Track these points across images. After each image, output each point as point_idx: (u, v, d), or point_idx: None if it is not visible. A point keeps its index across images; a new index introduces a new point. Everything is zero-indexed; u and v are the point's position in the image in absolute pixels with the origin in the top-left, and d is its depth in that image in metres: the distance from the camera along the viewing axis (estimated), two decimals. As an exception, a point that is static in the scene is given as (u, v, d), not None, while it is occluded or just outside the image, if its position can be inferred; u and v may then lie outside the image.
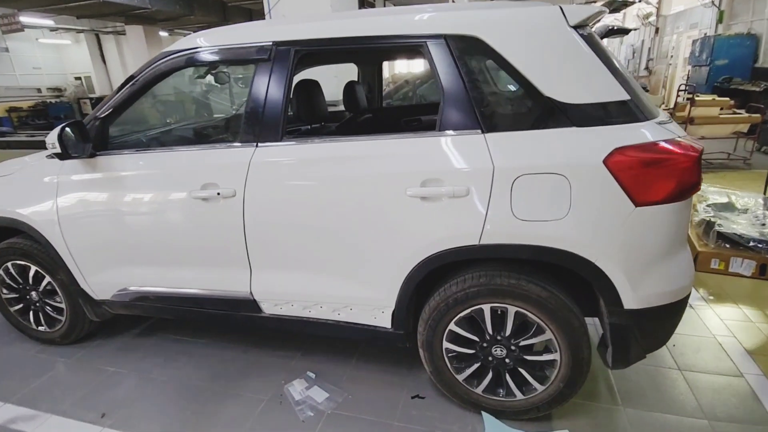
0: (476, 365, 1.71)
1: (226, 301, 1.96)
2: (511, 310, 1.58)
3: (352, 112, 2.69)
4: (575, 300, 1.60)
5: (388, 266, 1.65)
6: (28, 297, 2.36)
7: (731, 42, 8.07)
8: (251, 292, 1.89)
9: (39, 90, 16.20)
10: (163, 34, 14.59)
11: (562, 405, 1.68)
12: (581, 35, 1.45)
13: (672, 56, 12.48)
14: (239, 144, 1.76)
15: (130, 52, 12.91)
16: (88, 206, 1.99)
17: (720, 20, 9.46)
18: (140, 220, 1.94)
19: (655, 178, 1.35)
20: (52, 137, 1.81)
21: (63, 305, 2.30)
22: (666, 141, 1.36)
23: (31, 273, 2.26)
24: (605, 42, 1.63)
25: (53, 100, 15.89)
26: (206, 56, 1.80)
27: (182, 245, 1.92)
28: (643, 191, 1.35)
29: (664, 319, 1.50)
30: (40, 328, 2.40)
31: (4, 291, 2.37)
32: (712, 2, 9.57)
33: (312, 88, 2.08)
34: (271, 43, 1.71)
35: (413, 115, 3.07)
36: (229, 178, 1.75)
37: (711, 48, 8.23)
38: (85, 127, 1.91)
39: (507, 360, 1.67)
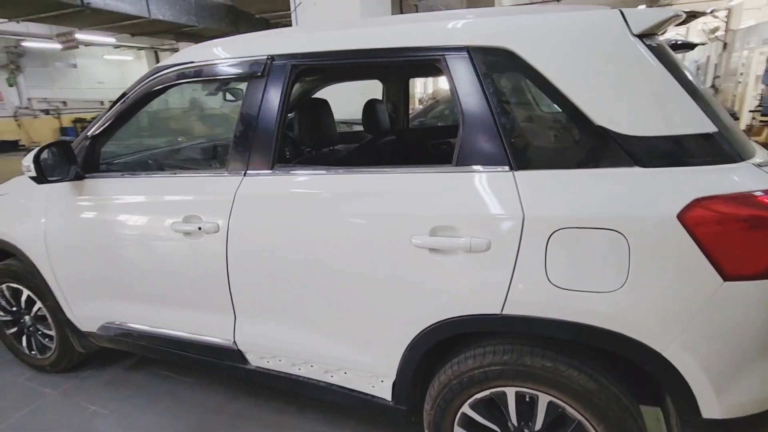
0: (498, 462, 1.34)
1: (210, 348, 1.71)
2: (544, 399, 1.21)
3: (373, 133, 2.42)
4: (629, 383, 1.21)
5: (387, 328, 1.34)
6: (21, 321, 2.24)
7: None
8: (235, 342, 1.63)
9: (102, 102, 17.29)
10: (215, 50, 15.15)
11: None
12: (648, 46, 1.09)
13: (742, 74, 11.39)
14: (226, 172, 1.53)
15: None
16: (73, 232, 1.83)
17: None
18: (123, 251, 1.74)
19: (755, 243, 0.96)
20: (27, 159, 1.66)
21: (53, 333, 2.15)
22: None
23: (23, 297, 2.14)
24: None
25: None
26: (197, 71, 1.60)
27: (164, 283, 1.70)
28: (737, 260, 0.97)
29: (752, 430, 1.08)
30: (32, 353, 2.27)
31: (0, 313, 2.27)
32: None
33: (319, 108, 1.83)
34: (266, 57, 1.48)
35: (442, 136, 2.76)
36: (213, 210, 1.52)
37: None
38: (70, 148, 1.75)
39: (538, 461, 1.29)
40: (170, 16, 8.08)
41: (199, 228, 1.51)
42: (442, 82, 12.11)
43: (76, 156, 1.76)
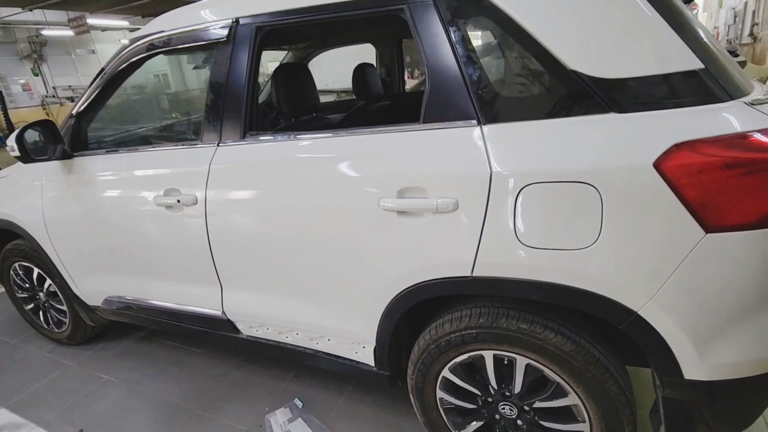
0: (479, 423, 1.33)
1: (203, 319, 1.74)
2: (521, 361, 1.18)
3: (365, 99, 2.34)
4: (614, 345, 1.16)
5: (361, 295, 1.32)
6: (37, 297, 2.35)
7: None
8: (224, 312, 1.66)
9: (124, 88, 17.62)
10: (227, 27, 15.04)
11: (593, 488, 1.25)
12: (627, -23, 0.98)
13: (786, 18, 10.40)
14: (202, 143, 1.51)
15: None
16: (67, 209, 1.87)
17: None
18: (113, 226, 1.77)
19: (743, 190, 0.87)
20: (11, 139, 1.69)
21: (65, 308, 2.25)
22: (762, 131, 0.87)
23: (35, 275, 2.23)
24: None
25: (136, 96, 17.23)
26: (166, 41, 1.56)
27: (154, 256, 1.73)
28: (720, 210, 0.88)
29: (747, 396, 1.01)
30: (49, 327, 2.39)
31: (17, 290, 2.39)
32: None
33: (295, 73, 1.77)
34: (231, 20, 1.42)
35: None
36: (190, 182, 1.51)
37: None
38: (55, 127, 1.77)
39: (519, 422, 1.27)
40: (177, -6, 8.03)
41: (178, 201, 1.51)
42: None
43: (61, 135, 1.78)
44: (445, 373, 1.31)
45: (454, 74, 1.10)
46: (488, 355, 1.22)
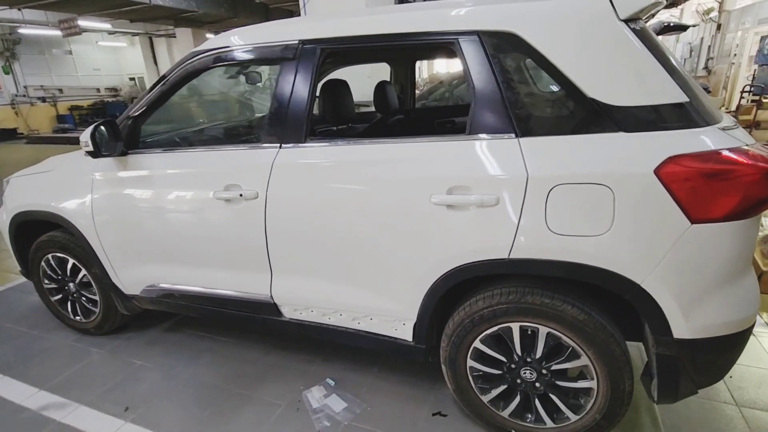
0: (503, 387, 1.58)
1: (247, 303, 1.93)
2: (543, 331, 1.45)
3: (383, 113, 2.61)
4: (617, 322, 1.44)
5: (409, 277, 1.56)
6: (66, 288, 2.45)
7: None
8: (271, 296, 1.86)
9: (98, 90, 17.26)
10: (210, 35, 15.17)
11: (597, 438, 1.52)
12: (633, 29, 1.29)
13: (735, 55, 11.53)
14: (263, 145, 1.73)
15: (179, 54, 13.53)
16: (118, 203, 2.03)
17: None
18: (166, 218, 1.95)
19: (716, 192, 1.18)
20: (85, 136, 1.85)
21: (97, 297, 2.37)
22: (730, 149, 1.19)
23: (69, 266, 2.35)
24: (660, 39, 1.46)
25: (110, 99, 16.97)
26: (233, 55, 1.78)
27: (205, 246, 1.91)
28: (701, 207, 1.19)
29: (721, 351, 1.32)
30: (76, 318, 2.49)
31: (46, 281, 2.48)
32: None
33: (339, 87, 2.02)
34: (297, 42, 1.66)
35: (447, 116, 2.96)
36: (252, 179, 1.72)
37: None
38: (117, 126, 1.94)
39: (537, 384, 1.53)
40: (170, 2, 8.14)
41: (240, 195, 1.72)
42: (438, 66, 12.18)
43: (121, 134, 1.95)
44: (476, 344, 1.56)
45: (496, 96, 1.39)
46: (515, 327, 1.48)
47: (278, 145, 1.70)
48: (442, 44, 1.48)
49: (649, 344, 1.40)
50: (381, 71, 3.36)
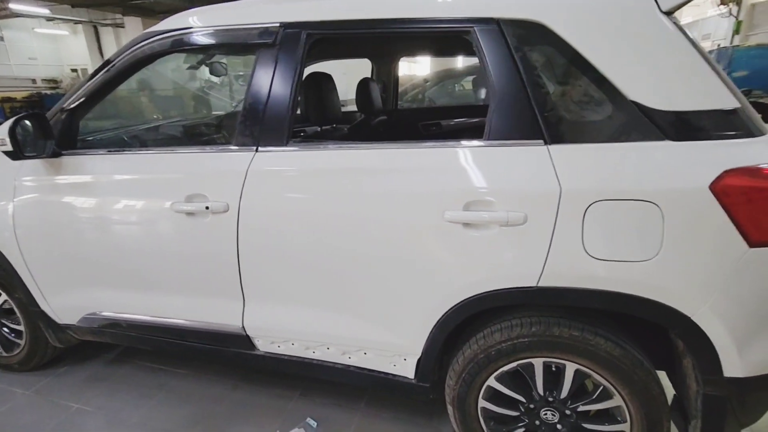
0: (520, 431, 1.38)
1: (213, 335, 1.62)
2: (570, 367, 1.25)
3: (366, 113, 2.36)
4: (645, 351, 1.28)
5: (416, 306, 1.32)
6: (-20, 316, 2.02)
7: (752, 53, 7.81)
8: (243, 327, 1.56)
9: (34, 81, 15.83)
10: (164, 26, 14.26)
11: (625, 484, 1.35)
12: (675, 24, 1.13)
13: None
14: (235, 148, 1.43)
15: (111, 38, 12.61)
16: (50, 215, 1.66)
17: (737, 31, 9.20)
18: (112, 234, 1.60)
19: None
20: (2, 132, 1.48)
21: (21, 327, 1.96)
22: None
23: (-17, 289, 1.92)
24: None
25: (48, 92, 15.58)
26: (197, 39, 1.47)
27: (160, 267, 1.58)
28: (762, 227, 1.03)
29: (767, 389, 1.17)
30: (-5, 352, 2.06)
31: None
32: (730, 12, 9.32)
33: (324, 82, 1.75)
34: (278, 25, 1.38)
35: (432, 118, 2.75)
36: (221, 188, 1.42)
37: (729, 59, 7.96)
38: (47, 121, 1.57)
39: (560, 427, 1.34)
40: (117, -13, 7.46)
41: (207, 207, 1.42)
42: (403, 68, 12.04)
43: (53, 130, 1.58)
44: (491, 381, 1.34)
45: (521, 96, 1.18)
46: (537, 363, 1.28)
47: (254, 148, 1.41)
48: (454, 33, 1.26)
49: (689, 383, 1.24)
50: (356, 69, 3.11)
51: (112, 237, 1.60)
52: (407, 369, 1.44)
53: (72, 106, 1.62)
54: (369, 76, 2.74)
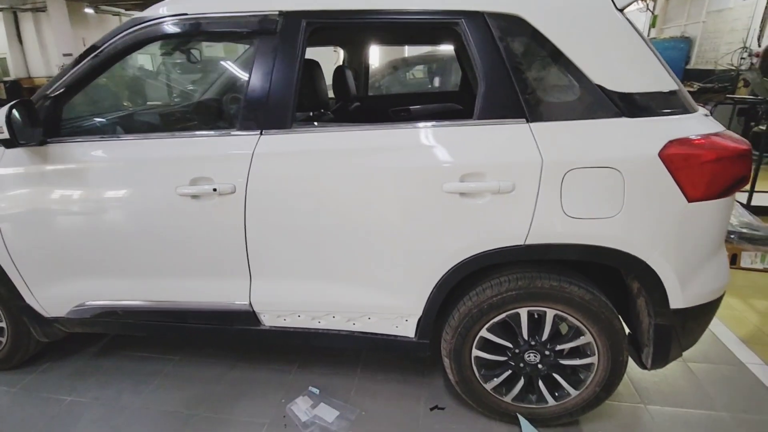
0: (507, 373, 1.59)
1: (219, 314, 1.68)
2: (550, 313, 1.48)
3: (342, 99, 2.46)
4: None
5: (418, 271, 1.48)
6: (-48, 316, 1.92)
7: (666, 45, 8.68)
8: (250, 303, 1.64)
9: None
10: (89, 11, 13.15)
11: (594, 409, 1.61)
12: (627, 20, 1.35)
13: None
14: (239, 132, 1.50)
15: (52, 32, 11.52)
16: (36, 205, 1.62)
17: (653, 24, 10.16)
18: (110, 223, 1.60)
19: (709, 173, 1.29)
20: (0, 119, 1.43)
21: (3, 324, 1.89)
22: (717, 134, 1.31)
23: (-44, 287, 1.83)
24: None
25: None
26: (192, 27, 1.50)
27: (164, 251, 1.61)
28: (697, 186, 1.29)
29: (704, 316, 1.46)
30: (-31, 353, 1.96)
31: None
32: (647, 7, 10.25)
33: (314, 69, 1.84)
34: (277, 13, 1.46)
35: (400, 104, 2.90)
36: (227, 171, 1.48)
37: (649, 50, 8.77)
38: (35, 109, 1.54)
39: (540, 366, 1.56)
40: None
41: (214, 189, 1.47)
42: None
43: (40, 118, 1.55)
44: (483, 332, 1.54)
45: (506, 80, 1.36)
46: (523, 312, 1.49)
47: (258, 131, 1.48)
48: (443, 24, 1.41)
49: (641, 318, 1.50)
50: (319, 56, 3.17)
51: (109, 225, 1.60)
52: (408, 329, 1.60)
53: (56, 93, 1.59)
54: (340, 63, 2.83)
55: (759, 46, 6.93)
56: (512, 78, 1.35)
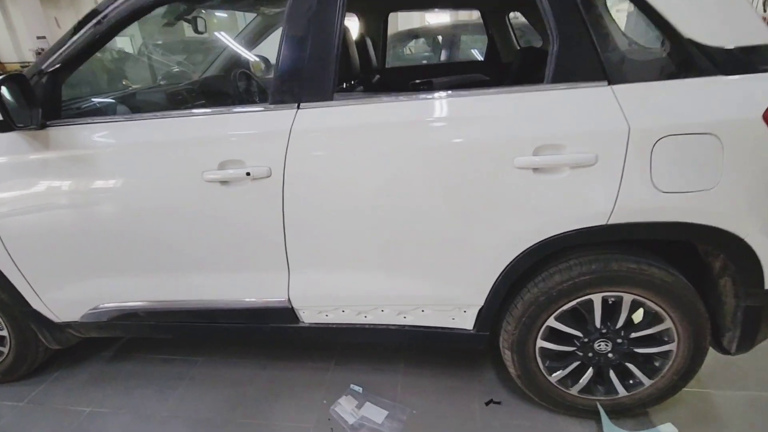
0: (575, 364, 1.46)
1: (251, 312, 1.52)
2: (627, 299, 1.34)
3: (364, 72, 2.26)
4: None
5: (482, 257, 1.33)
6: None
7: None
8: (289, 299, 1.48)
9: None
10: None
11: (667, 399, 1.50)
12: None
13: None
14: (272, 106, 1.31)
15: (20, 13, 10.88)
16: (39, 200, 1.43)
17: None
18: (128, 215, 1.41)
19: None
20: (-14, 97, 1.22)
21: (5, 333, 1.70)
22: None
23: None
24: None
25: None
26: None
27: (190, 245, 1.44)
28: (804, 153, 1.14)
29: None
30: (-30, 364, 1.78)
31: None
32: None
33: (344, 34, 1.64)
34: (314, -35, 1.25)
35: (421, 76, 2.70)
36: (261, 152, 1.30)
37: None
38: (30, 86, 1.32)
39: (611, 355, 1.44)
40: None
41: (248, 174, 1.29)
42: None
43: (37, 97, 1.34)
44: (550, 321, 1.40)
45: (584, 37, 1.18)
46: (597, 298, 1.35)
47: (295, 105, 1.29)
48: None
49: (723, 297, 1.37)
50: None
51: (126, 218, 1.41)
52: (466, 321, 1.46)
53: (54, 67, 1.37)
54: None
55: None
56: (591, 33, 1.18)
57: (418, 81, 2.63)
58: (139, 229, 1.43)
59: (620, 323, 1.38)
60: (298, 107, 1.29)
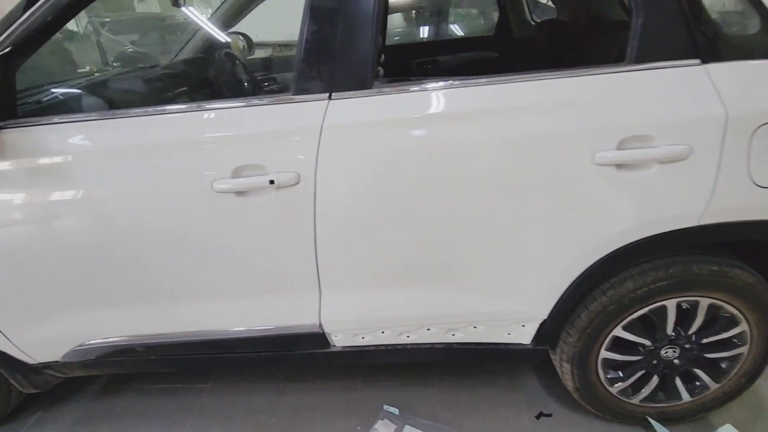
0: (640, 373, 1.34)
1: (276, 339, 1.30)
2: (704, 302, 1.21)
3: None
4: None
5: (551, 266, 1.16)
6: None
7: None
8: (320, 323, 1.27)
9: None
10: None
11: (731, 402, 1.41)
12: None
13: None
14: (296, 97, 1.06)
15: None
16: (6, 225, 1.13)
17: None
18: (113, 237, 1.15)
19: None
20: None
21: (-32, 379, 1.41)
22: None
23: None
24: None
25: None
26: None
27: (196, 268, 1.19)
28: None
29: None
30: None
31: None
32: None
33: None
34: None
35: (424, 55, 2.46)
36: (287, 154, 1.06)
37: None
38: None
39: (677, 361, 1.32)
40: None
41: (271, 182, 1.05)
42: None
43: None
44: (617, 331, 1.26)
45: (673, 7, 0.99)
46: (671, 304, 1.21)
47: (326, 95, 1.05)
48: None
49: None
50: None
51: (115, 241, 1.15)
52: (524, 335, 1.30)
53: (4, 51, 1.06)
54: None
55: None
56: (682, 4, 0.99)
57: (421, 60, 2.40)
58: (131, 254, 1.16)
59: (694, 329, 1.25)
60: (330, 98, 1.05)
